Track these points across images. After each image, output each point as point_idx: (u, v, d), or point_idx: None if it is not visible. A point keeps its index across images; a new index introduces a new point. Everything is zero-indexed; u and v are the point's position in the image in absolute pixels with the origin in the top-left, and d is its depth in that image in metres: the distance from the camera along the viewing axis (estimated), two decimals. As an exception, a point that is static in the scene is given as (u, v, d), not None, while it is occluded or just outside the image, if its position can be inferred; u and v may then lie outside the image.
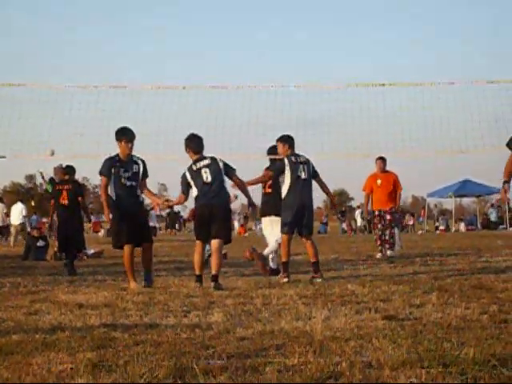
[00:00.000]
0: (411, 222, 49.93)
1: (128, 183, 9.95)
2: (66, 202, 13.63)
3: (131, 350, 4.98)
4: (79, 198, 13.77)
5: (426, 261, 13.93)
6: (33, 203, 53.94)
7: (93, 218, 41.86)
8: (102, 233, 48.15)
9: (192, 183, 10.00)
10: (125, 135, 10.02)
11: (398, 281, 9.64)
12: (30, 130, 13.01)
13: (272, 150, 12.07)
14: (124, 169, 9.95)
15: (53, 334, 5.76)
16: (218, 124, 12.85)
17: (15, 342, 5.41)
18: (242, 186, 10.52)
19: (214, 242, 9.92)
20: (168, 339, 5.41)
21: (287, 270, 10.41)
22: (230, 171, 10.18)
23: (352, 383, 4.03)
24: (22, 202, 29.54)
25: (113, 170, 9.92)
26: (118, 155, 10.06)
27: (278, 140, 11.05)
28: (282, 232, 10.72)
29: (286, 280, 10.18)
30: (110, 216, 10.16)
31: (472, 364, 4.30)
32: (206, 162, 10.03)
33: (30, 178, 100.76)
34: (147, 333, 5.74)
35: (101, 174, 10.03)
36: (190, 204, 10.69)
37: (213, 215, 9.87)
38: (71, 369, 4.43)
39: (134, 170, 10.03)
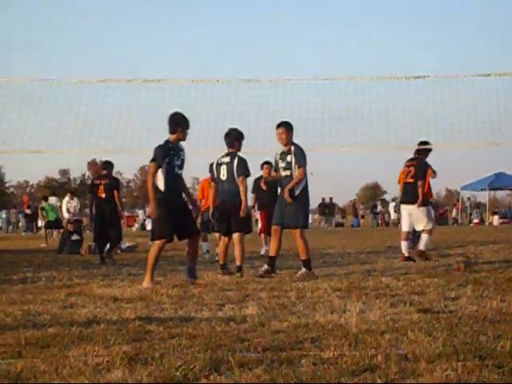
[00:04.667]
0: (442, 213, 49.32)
1: (179, 172, 9.29)
2: (103, 195, 14.33)
3: (167, 343, 5.00)
4: (115, 192, 14.29)
5: (460, 254, 13.82)
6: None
7: (126, 213, 42.14)
8: (135, 227, 48.55)
9: (214, 174, 10.63)
10: (186, 122, 9.33)
11: (433, 274, 9.59)
12: (57, 124, 13.17)
13: (423, 144, 12.49)
14: (176, 156, 9.23)
15: (88, 327, 5.81)
16: (250, 118, 12.82)
17: (51, 334, 5.46)
18: (241, 189, 10.45)
19: (235, 235, 10.57)
20: (203, 332, 5.43)
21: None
22: (238, 172, 10.35)
23: (388, 376, 4.01)
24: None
25: (167, 159, 9.12)
26: (168, 141, 9.28)
27: (281, 126, 10.19)
28: (302, 227, 10.18)
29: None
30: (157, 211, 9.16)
31: (508, 357, 4.28)
32: (227, 159, 10.42)
33: (64, 172, 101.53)
34: (182, 326, 5.77)
35: (153, 161, 9.13)
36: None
37: (231, 212, 10.45)
38: (107, 361, 4.46)
39: (182, 157, 9.31)
